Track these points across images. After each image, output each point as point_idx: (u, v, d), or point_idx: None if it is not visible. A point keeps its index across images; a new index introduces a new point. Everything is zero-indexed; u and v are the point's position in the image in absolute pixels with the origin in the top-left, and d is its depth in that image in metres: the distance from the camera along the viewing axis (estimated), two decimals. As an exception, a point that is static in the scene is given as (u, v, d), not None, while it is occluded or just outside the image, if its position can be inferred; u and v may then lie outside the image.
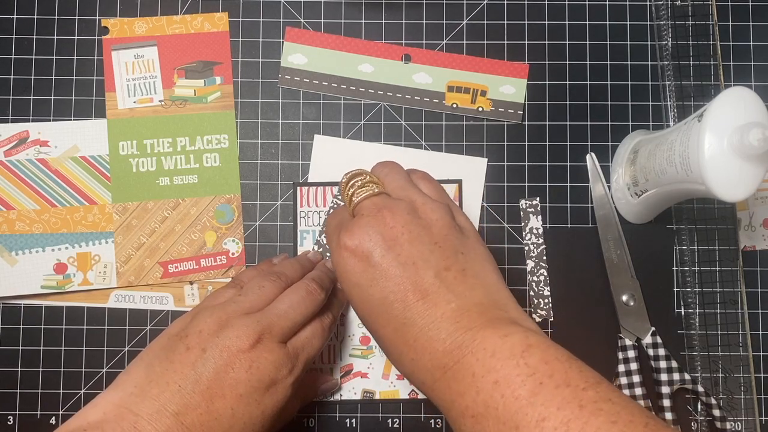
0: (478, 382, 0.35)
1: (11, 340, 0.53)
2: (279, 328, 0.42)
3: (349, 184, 0.43)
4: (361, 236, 0.39)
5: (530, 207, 0.54)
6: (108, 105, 0.54)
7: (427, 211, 0.40)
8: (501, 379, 0.34)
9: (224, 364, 0.40)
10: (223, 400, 0.39)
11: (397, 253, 0.39)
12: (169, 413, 0.38)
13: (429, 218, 0.40)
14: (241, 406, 0.39)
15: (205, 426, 0.38)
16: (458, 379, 0.36)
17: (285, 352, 0.42)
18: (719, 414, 0.51)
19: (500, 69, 0.55)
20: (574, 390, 0.33)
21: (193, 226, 0.54)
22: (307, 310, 0.44)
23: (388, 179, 0.43)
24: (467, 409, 0.35)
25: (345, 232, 0.40)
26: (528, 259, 0.54)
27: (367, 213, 0.40)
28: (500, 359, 0.35)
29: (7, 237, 0.53)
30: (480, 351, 0.35)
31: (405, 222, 0.39)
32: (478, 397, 0.34)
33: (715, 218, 0.53)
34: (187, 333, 0.41)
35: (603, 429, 0.31)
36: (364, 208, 0.41)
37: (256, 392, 0.40)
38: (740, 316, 0.53)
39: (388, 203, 0.41)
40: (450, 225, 0.40)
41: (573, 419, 0.32)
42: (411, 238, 0.39)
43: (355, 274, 0.39)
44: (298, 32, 0.55)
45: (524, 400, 0.33)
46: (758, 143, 0.39)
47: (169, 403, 0.38)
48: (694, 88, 0.54)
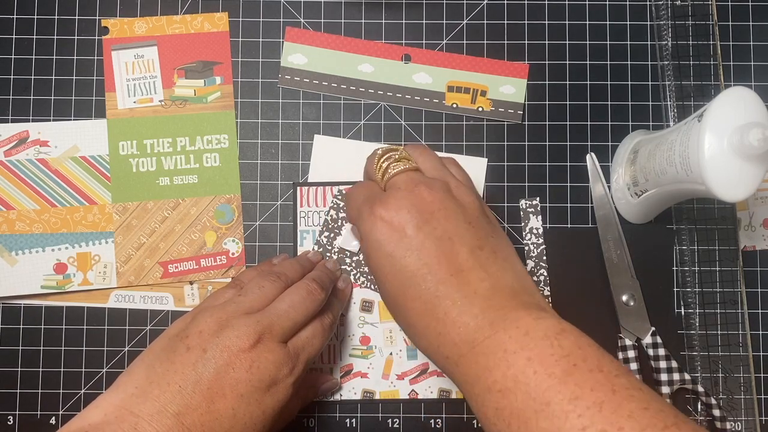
0: (510, 357, 0.35)
1: (11, 340, 0.53)
2: (279, 327, 0.42)
3: (384, 156, 0.43)
4: (399, 208, 0.40)
5: (530, 207, 0.54)
6: (108, 105, 0.54)
7: (461, 193, 0.41)
8: (534, 356, 0.34)
9: (225, 364, 0.40)
10: (224, 400, 0.39)
11: (433, 226, 0.39)
12: (169, 414, 0.38)
13: (463, 199, 0.41)
14: (242, 406, 0.39)
15: (206, 426, 0.38)
16: (488, 354, 0.36)
17: (285, 352, 0.42)
18: (719, 414, 0.51)
19: (500, 69, 0.55)
20: (606, 375, 0.33)
21: (193, 226, 0.54)
22: (307, 310, 0.44)
23: (422, 159, 0.44)
24: (495, 383, 0.35)
25: (380, 203, 0.40)
26: (528, 259, 0.54)
27: (405, 187, 0.41)
28: (534, 338, 0.35)
29: (7, 237, 0.53)
30: (513, 329, 0.36)
31: (442, 198, 0.40)
32: (508, 371, 0.35)
33: (715, 218, 0.53)
34: (188, 333, 0.41)
35: (636, 413, 0.31)
36: (401, 181, 0.41)
37: (256, 392, 0.40)
38: (740, 316, 0.53)
39: (425, 179, 0.41)
40: (481, 209, 0.42)
41: (606, 401, 0.32)
42: (447, 214, 0.40)
43: (390, 244, 0.40)
44: (298, 32, 0.55)
45: (557, 378, 0.33)
46: (758, 143, 0.39)
47: (170, 403, 0.38)
48: (694, 88, 0.54)
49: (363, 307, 0.53)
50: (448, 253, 0.39)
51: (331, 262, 0.52)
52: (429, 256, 0.39)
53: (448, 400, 0.53)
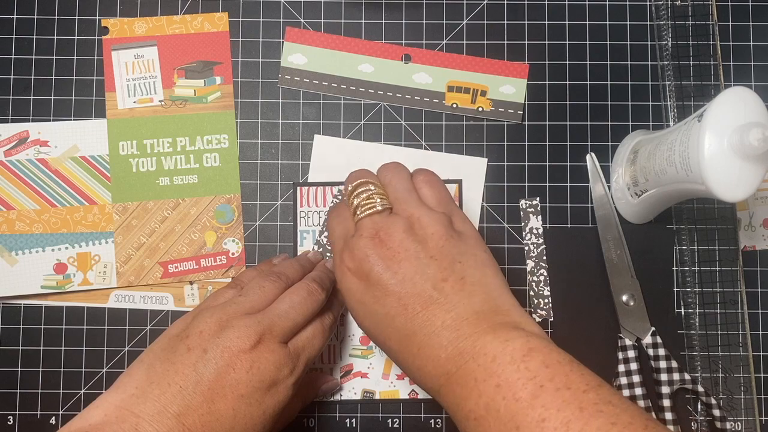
0: (480, 386, 0.36)
1: (11, 340, 0.53)
2: (280, 328, 0.42)
3: (354, 193, 0.44)
4: (361, 258, 0.41)
5: (530, 207, 0.54)
6: (108, 105, 0.54)
7: (423, 226, 0.41)
8: (502, 382, 0.35)
9: (225, 364, 0.40)
10: (225, 401, 0.39)
11: (394, 271, 0.40)
12: (170, 414, 0.38)
13: (425, 233, 0.41)
14: (243, 407, 0.39)
15: (206, 427, 0.38)
16: (461, 384, 0.37)
17: (286, 352, 0.42)
18: (719, 414, 0.51)
19: (500, 69, 0.55)
20: (574, 393, 0.34)
21: (193, 226, 0.54)
22: (307, 311, 0.44)
23: (390, 188, 0.44)
24: (471, 412, 0.36)
25: (346, 251, 0.42)
26: (528, 259, 0.54)
27: (366, 234, 0.42)
28: (501, 364, 0.36)
29: (7, 237, 0.53)
30: (481, 356, 0.36)
31: (401, 240, 0.41)
32: (480, 400, 0.35)
33: (715, 218, 0.53)
34: (188, 334, 0.41)
35: (602, 430, 0.32)
36: (364, 228, 0.42)
37: (257, 392, 0.40)
38: (740, 316, 0.53)
39: (385, 224, 0.42)
40: (446, 235, 0.41)
41: (573, 420, 0.32)
42: (407, 255, 0.40)
43: (358, 293, 0.41)
44: (298, 32, 0.55)
45: (525, 402, 0.34)
46: (758, 143, 0.39)
47: (171, 404, 0.38)
48: (694, 88, 0.54)
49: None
50: (412, 293, 0.39)
51: (331, 262, 0.52)
52: (395, 299, 0.40)
53: (448, 400, 0.52)
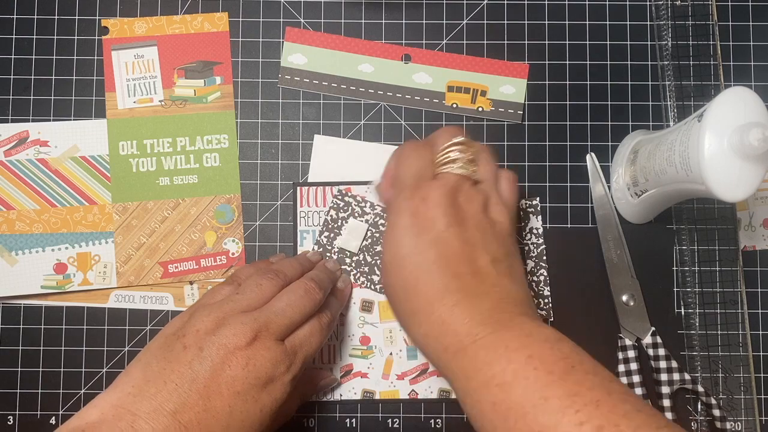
0: (511, 354, 0.36)
1: (11, 340, 0.53)
2: (276, 325, 0.42)
3: (457, 147, 0.44)
4: (434, 203, 0.42)
5: (530, 207, 0.54)
6: (108, 105, 0.54)
7: (496, 211, 0.44)
8: (535, 354, 0.36)
9: (221, 362, 0.40)
10: (221, 398, 0.39)
11: (463, 229, 0.41)
12: (166, 412, 0.38)
13: (495, 218, 0.44)
14: (239, 404, 0.39)
15: (202, 424, 0.38)
16: (489, 348, 0.37)
17: (282, 349, 0.42)
18: (719, 414, 0.51)
19: (500, 69, 0.55)
20: (602, 379, 0.35)
21: (193, 226, 0.54)
22: (305, 309, 0.44)
23: (482, 163, 0.46)
24: (493, 377, 0.36)
25: (419, 191, 0.42)
26: (528, 259, 0.54)
27: (449, 187, 0.42)
28: (536, 340, 0.37)
29: (7, 237, 0.53)
30: (517, 329, 0.37)
31: (476, 211, 0.43)
32: (508, 366, 0.36)
33: (715, 218, 0.53)
34: (185, 332, 0.41)
35: (630, 414, 0.33)
36: (449, 181, 0.43)
37: (253, 389, 0.40)
38: (740, 316, 0.53)
39: (469, 191, 0.43)
40: (509, 232, 0.44)
41: (602, 400, 0.33)
42: (477, 224, 0.42)
43: (407, 232, 0.41)
44: (298, 32, 0.55)
45: (556, 375, 0.35)
46: (758, 143, 0.39)
47: (167, 401, 0.38)
48: (694, 88, 0.54)
49: (363, 307, 0.53)
50: (469, 255, 0.41)
51: (331, 262, 0.52)
52: (453, 253, 0.40)
53: (448, 400, 0.52)
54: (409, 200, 0.42)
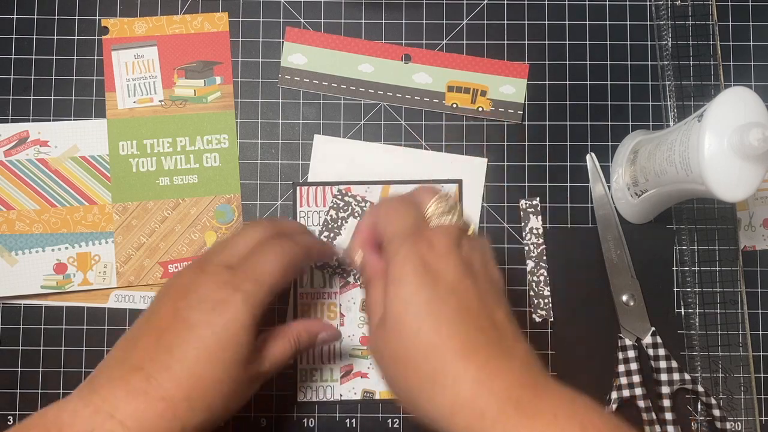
0: (563, 423, 0.33)
1: (11, 340, 0.53)
2: (226, 255, 0.42)
3: (440, 200, 0.42)
4: (446, 254, 0.38)
5: (530, 207, 0.54)
6: (108, 105, 0.54)
7: (492, 266, 0.41)
8: (587, 424, 0.33)
9: (170, 303, 0.40)
10: (171, 332, 0.39)
11: (474, 280, 0.39)
12: (127, 366, 0.38)
13: (494, 273, 0.41)
14: (186, 332, 0.39)
15: (154, 361, 0.38)
16: (537, 416, 0.33)
17: (229, 272, 0.40)
18: (719, 414, 0.51)
19: (500, 69, 0.55)
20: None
21: (193, 226, 0.54)
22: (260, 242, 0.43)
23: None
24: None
25: (423, 239, 0.39)
26: (528, 259, 0.54)
27: (455, 236, 0.40)
28: (581, 407, 0.34)
29: (7, 237, 0.53)
30: (557, 394, 0.35)
31: (480, 264, 0.40)
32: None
33: (715, 218, 0.53)
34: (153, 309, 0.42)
35: None
36: (453, 230, 0.40)
37: (200, 313, 0.39)
38: (740, 316, 0.53)
39: (471, 243, 0.41)
40: (505, 289, 0.41)
41: None
42: (484, 277, 0.40)
43: (427, 275, 0.38)
44: (298, 32, 0.55)
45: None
46: (758, 143, 0.39)
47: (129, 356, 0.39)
48: (694, 88, 0.54)
49: (363, 307, 0.53)
50: (486, 308, 0.38)
51: (342, 249, 0.50)
52: (471, 304, 0.37)
53: (448, 400, 0.52)
54: (414, 246, 0.38)
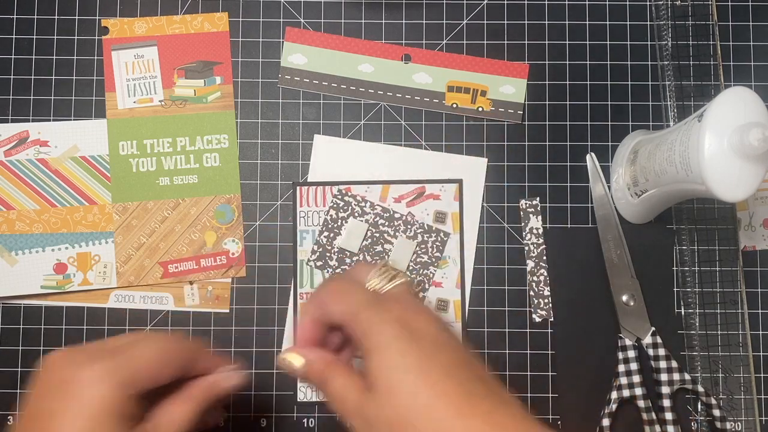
0: None
1: (11, 340, 0.53)
2: (96, 345, 0.41)
3: (384, 269, 0.41)
4: (417, 304, 0.38)
5: (530, 207, 0.54)
6: (108, 105, 0.54)
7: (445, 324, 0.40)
8: None
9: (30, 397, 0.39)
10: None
11: (450, 334, 0.38)
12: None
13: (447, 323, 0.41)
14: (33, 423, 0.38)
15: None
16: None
17: (76, 350, 0.39)
18: (719, 414, 0.51)
19: (500, 69, 0.55)
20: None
21: (193, 226, 0.54)
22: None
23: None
24: None
25: (389, 300, 0.38)
26: (528, 259, 0.54)
27: (414, 293, 0.40)
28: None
29: (7, 237, 0.53)
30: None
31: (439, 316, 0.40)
32: None
33: (715, 218, 0.53)
34: None
35: None
36: (408, 289, 0.40)
37: (52, 400, 0.38)
38: (740, 316, 0.53)
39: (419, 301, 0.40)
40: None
41: None
42: (451, 330, 0.39)
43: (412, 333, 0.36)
44: (298, 32, 0.55)
45: None
46: (758, 143, 0.39)
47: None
48: (694, 88, 0.54)
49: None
50: (470, 359, 0.37)
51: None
52: (459, 355, 0.36)
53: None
54: (387, 311, 0.37)
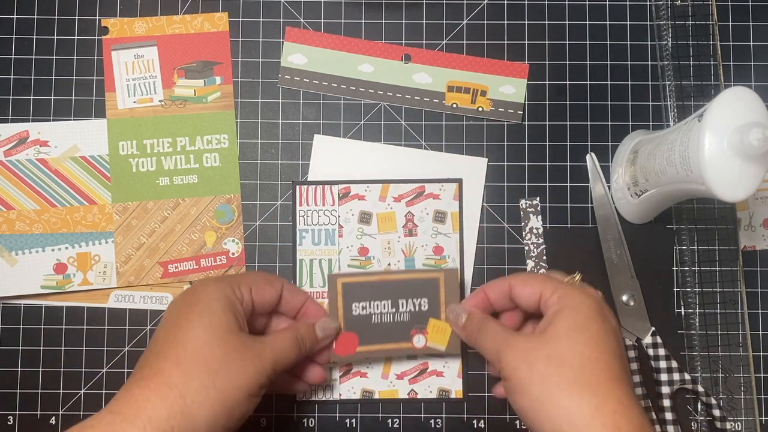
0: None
1: (11, 340, 0.53)
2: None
3: (574, 277, 0.47)
4: (604, 303, 0.45)
5: (530, 207, 0.54)
6: (108, 105, 0.54)
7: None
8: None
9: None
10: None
11: (619, 333, 0.45)
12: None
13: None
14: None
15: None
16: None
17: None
18: (719, 414, 0.51)
19: (500, 69, 0.55)
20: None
21: (193, 226, 0.54)
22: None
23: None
24: None
25: (591, 291, 0.45)
26: (528, 258, 0.54)
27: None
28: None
29: (7, 237, 0.53)
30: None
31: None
32: None
33: (715, 218, 0.53)
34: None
35: None
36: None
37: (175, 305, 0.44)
38: (740, 316, 0.53)
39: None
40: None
41: None
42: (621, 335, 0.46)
43: (603, 314, 0.43)
44: (298, 32, 0.55)
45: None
46: (758, 143, 0.39)
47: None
48: (694, 88, 0.54)
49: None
50: (624, 358, 0.44)
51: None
52: (620, 346, 0.43)
53: (447, 400, 0.52)
54: (588, 291, 0.45)
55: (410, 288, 0.51)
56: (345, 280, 0.51)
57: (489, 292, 0.48)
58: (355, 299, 0.50)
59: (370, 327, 0.51)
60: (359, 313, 0.51)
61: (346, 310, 0.50)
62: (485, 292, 0.48)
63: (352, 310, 0.51)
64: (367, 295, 0.51)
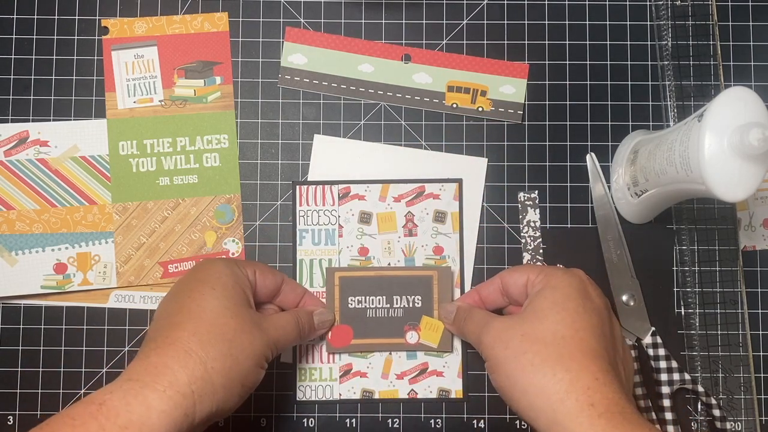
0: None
1: (11, 340, 0.53)
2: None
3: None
4: (592, 282, 0.45)
5: (528, 200, 0.54)
6: (108, 105, 0.54)
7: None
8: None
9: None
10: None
11: (610, 314, 0.45)
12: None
13: (617, 323, 0.48)
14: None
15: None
16: (636, 426, 0.38)
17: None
18: (719, 414, 0.51)
19: (500, 69, 0.55)
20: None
21: (193, 226, 0.54)
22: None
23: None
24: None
25: (577, 271, 0.45)
26: (525, 251, 0.54)
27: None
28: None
29: (7, 237, 0.53)
30: (639, 424, 0.39)
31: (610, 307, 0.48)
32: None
33: (715, 218, 0.53)
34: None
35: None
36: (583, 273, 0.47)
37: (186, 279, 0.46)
38: (740, 316, 0.53)
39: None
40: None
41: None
42: (615, 319, 0.46)
43: (583, 293, 0.44)
44: (298, 32, 0.55)
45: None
46: (758, 143, 0.39)
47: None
48: (694, 88, 0.54)
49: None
50: (615, 337, 0.44)
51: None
52: (605, 326, 0.43)
53: (447, 400, 0.52)
54: (570, 271, 0.45)
55: (405, 284, 0.52)
56: (342, 274, 0.52)
57: (481, 291, 0.49)
58: (351, 293, 0.52)
59: (364, 321, 0.52)
60: (355, 306, 0.52)
61: (342, 303, 0.52)
62: (478, 292, 0.50)
63: (348, 303, 0.52)
64: (363, 289, 0.52)
